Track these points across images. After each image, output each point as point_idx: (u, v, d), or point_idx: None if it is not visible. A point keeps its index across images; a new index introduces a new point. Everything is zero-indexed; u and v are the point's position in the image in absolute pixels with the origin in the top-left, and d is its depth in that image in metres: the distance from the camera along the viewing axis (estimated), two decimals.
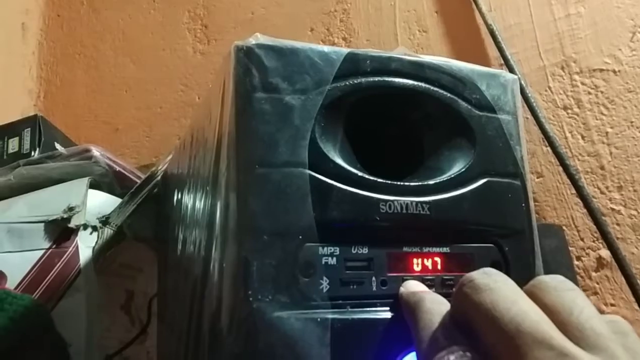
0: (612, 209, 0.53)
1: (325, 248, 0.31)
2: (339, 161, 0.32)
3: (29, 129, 0.60)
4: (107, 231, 0.55)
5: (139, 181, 0.60)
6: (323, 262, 0.30)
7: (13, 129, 0.61)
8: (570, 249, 0.54)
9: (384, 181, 0.32)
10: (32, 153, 0.59)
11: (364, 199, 0.32)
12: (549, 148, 0.55)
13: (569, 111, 0.56)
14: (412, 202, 0.32)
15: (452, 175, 0.34)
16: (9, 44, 0.93)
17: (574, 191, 0.54)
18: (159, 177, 0.57)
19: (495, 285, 0.25)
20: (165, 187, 0.56)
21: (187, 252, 0.41)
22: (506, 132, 0.36)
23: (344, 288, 0.30)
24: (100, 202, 0.56)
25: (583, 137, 0.55)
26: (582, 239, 0.54)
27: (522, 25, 0.60)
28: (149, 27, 0.86)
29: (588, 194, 0.53)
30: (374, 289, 0.31)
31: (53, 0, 0.98)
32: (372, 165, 0.33)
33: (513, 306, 0.23)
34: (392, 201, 0.32)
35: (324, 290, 0.30)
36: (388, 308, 0.31)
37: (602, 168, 0.54)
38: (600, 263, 0.53)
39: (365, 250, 0.32)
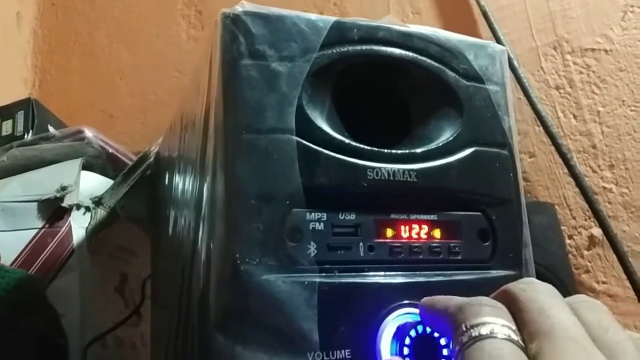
0: (604, 188, 0.53)
1: (313, 213, 0.31)
2: (326, 128, 0.32)
3: (22, 111, 0.60)
4: (100, 212, 0.55)
5: (131, 163, 0.60)
6: (310, 228, 0.31)
7: (6, 111, 0.61)
8: (562, 227, 0.54)
9: (371, 148, 0.32)
10: (26, 135, 0.59)
11: (351, 166, 0.32)
12: (541, 128, 0.55)
13: (561, 91, 0.57)
14: (399, 169, 0.33)
15: (440, 144, 0.34)
16: (3, 33, 0.93)
17: (566, 170, 0.54)
18: (152, 159, 0.57)
19: (552, 293, 0.24)
20: (157, 169, 0.56)
21: (178, 233, 0.41)
22: (494, 102, 0.36)
23: (332, 253, 0.31)
24: (94, 183, 0.56)
25: (575, 117, 0.56)
26: (574, 218, 0.54)
27: (515, 6, 0.60)
28: (143, 14, 0.86)
29: (580, 172, 0.53)
30: (362, 254, 0.31)
31: None
32: (359, 133, 0.33)
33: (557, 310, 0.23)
34: (379, 168, 0.32)
35: (312, 254, 0.30)
36: (376, 273, 0.31)
37: (594, 147, 0.54)
38: (592, 241, 0.53)
39: (352, 217, 0.32)
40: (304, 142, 0.31)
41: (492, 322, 0.23)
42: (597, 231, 0.52)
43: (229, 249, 0.29)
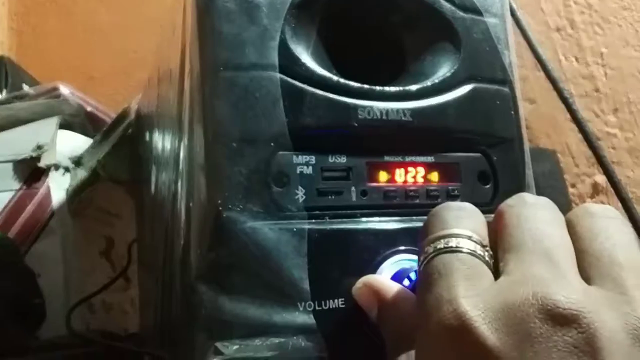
0: (608, 133, 0.51)
1: (300, 156, 0.29)
2: (312, 65, 0.29)
3: None
4: (81, 172, 0.52)
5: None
6: (298, 172, 0.28)
7: None
8: (565, 176, 0.52)
9: (362, 85, 0.30)
10: None
11: (340, 105, 0.29)
12: (541, 73, 0.53)
13: (562, 33, 0.54)
14: (392, 108, 0.30)
15: (436, 81, 0.32)
16: None
17: (568, 116, 0.52)
18: (132, 117, 0.55)
19: (542, 205, 0.22)
20: (138, 128, 0.53)
21: (159, 192, 0.39)
22: (493, 35, 0.34)
23: (322, 198, 0.29)
24: (73, 143, 0.53)
25: (577, 59, 0.53)
26: (577, 165, 0.52)
27: None
28: None
29: (582, 117, 0.51)
30: (354, 199, 0.29)
31: None
32: (349, 70, 0.31)
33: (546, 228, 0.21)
34: (371, 107, 0.30)
35: (300, 200, 0.28)
36: (369, 219, 0.29)
37: (597, 90, 0.52)
38: (596, 189, 0.51)
39: (343, 159, 0.29)
40: (288, 79, 0.29)
41: (455, 234, 0.21)
42: (601, 178, 0.51)
43: (210, 195, 0.27)
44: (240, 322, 0.26)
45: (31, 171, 0.49)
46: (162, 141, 0.39)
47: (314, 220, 0.28)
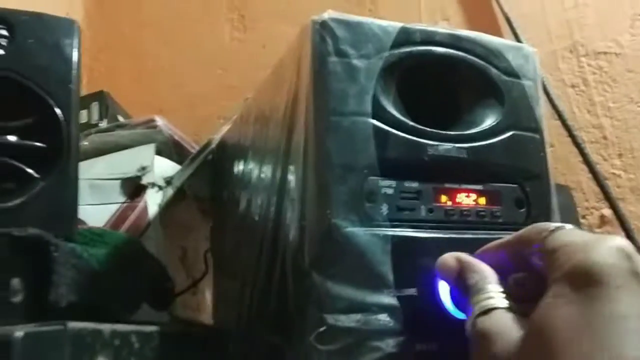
0: (614, 174, 0.61)
1: (385, 181, 0.38)
2: (395, 113, 0.39)
3: (97, 102, 0.67)
4: (169, 191, 0.62)
5: (192, 150, 0.68)
6: (383, 192, 0.38)
7: (81, 102, 0.68)
8: (577, 209, 0.61)
9: (431, 130, 0.40)
10: (100, 123, 0.66)
11: (414, 143, 0.39)
12: (558, 121, 0.63)
13: (577, 89, 0.64)
14: (453, 147, 0.40)
15: (485, 128, 0.41)
16: None
17: (580, 159, 0.62)
18: (214, 146, 0.65)
19: None
20: (221, 155, 0.63)
21: (251, 211, 0.48)
22: (528, 94, 0.44)
23: (400, 213, 0.38)
24: (163, 166, 0.63)
25: (589, 112, 0.63)
26: (587, 200, 0.62)
27: (536, 14, 0.68)
28: (190, 17, 0.94)
29: (592, 160, 0.60)
30: (423, 215, 0.39)
31: None
32: (419, 117, 0.40)
33: None
34: (437, 146, 0.40)
35: (384, 213, 0.37)
36: (434, 230, 0.39)
37: (605, 138, 0.62)
38: (603, 220, 0.60)
39: (415, 185, 0.39)
40: (378, 123, 0.38)
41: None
42: (607, 212, 0.60)
43: (321, 207, 0.36)
44: (341, 301, 0.35)
45: (134, 188, 0.59)
46: (258, 170, 0.48)
47: (395, 229, 0.38)
